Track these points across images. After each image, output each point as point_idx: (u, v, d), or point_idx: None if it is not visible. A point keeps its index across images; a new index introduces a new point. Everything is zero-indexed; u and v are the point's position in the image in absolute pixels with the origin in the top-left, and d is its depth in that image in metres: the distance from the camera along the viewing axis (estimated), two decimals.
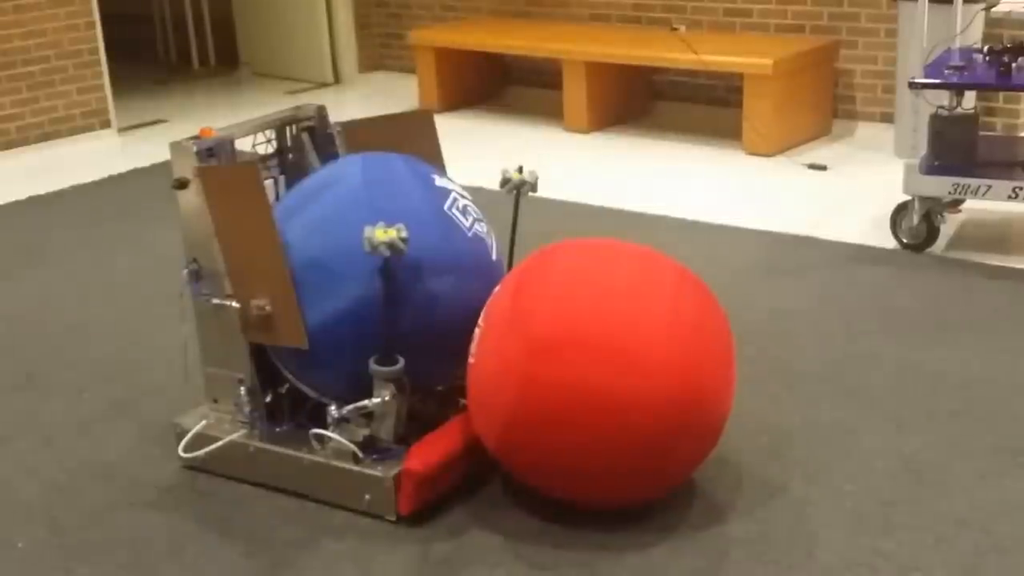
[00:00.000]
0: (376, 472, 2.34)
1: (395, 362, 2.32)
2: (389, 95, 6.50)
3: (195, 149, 2.46)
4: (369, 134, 2.75)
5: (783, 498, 2.38)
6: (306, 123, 2.74)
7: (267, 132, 2.70)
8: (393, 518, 2.34)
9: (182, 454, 2.56)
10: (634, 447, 2.16)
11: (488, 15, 6.34)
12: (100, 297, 3.70)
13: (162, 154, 5.36)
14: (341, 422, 2.38)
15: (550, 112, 5.71)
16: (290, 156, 2.73)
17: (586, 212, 4.31)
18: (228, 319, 2.48)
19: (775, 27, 5.33)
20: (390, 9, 6.82)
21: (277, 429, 2.52)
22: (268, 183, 2.65)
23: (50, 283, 3.84)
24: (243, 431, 2.53)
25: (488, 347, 2.26)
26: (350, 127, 2.76)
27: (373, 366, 2.32)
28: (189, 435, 2.55)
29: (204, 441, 2.54)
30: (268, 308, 2.38)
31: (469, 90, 6.13)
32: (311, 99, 6.53)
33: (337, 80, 6.90)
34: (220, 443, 2.52)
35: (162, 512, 2.44)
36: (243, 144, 2.63)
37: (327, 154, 2.75)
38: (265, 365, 2.52)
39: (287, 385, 2.54)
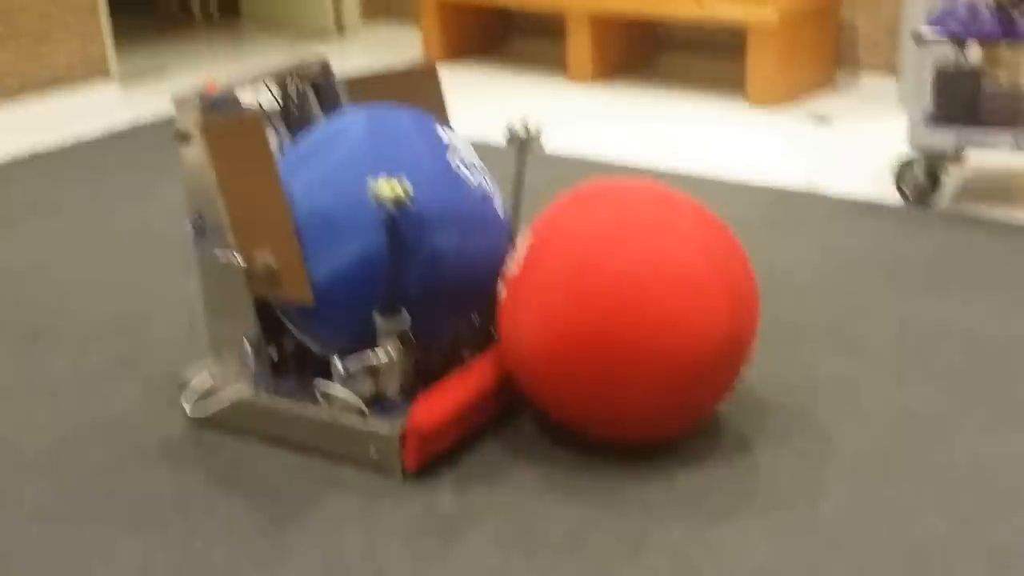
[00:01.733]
0: (382, 428, 2.35)
1: (398, 313, 2.33)
2: (392, 45, 6.46)
3: (199, 102, 2.45)
4: (373, 88, 2.74)
5: (786, 451, 2.40)
6: (310, 76, 2.73)
7: (272, 87, 2.68)
8: (400, 473, 2.37)
9: (187, 409, 2.58)
10: (667, 382, 2.21)
11: None
12: (105, 251, 3.70)
13: (164, 106, 5.35)
14: (347, 377, 2.39)
15: (554, 63, 5.68)
16: (293, 110, 2.72)
17: (590, 165, 4.30)
18: (233, 274, 2.49)
19: None
20: None
21: (282, 384, 2.53)
22: (271, 137, 2.65)
23: (54, 237, 3.84)
24: (248, 386, 2.54)
25: (527, 286, 2.28)
26: (354, 81, 2.74)
27: (377, 319, 2.33)
28: (194, 390, 2.57)
29: (209, 396, 2.57)
30: (273, 263, 2.39)
31: (473, 40, 6.09)
32: (314, 49, 6.49)
33: (339, 29, 6.84)
34: (225, 398, 2.54)
35: (168, 467, 2.46)
36: (246, 95, 2.62)
37: (331, 107, 2.74)
38: (270, 319, 2.53)
39: (293, 340, 2.56)
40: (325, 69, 2.74)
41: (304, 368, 2.56)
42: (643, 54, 5.68)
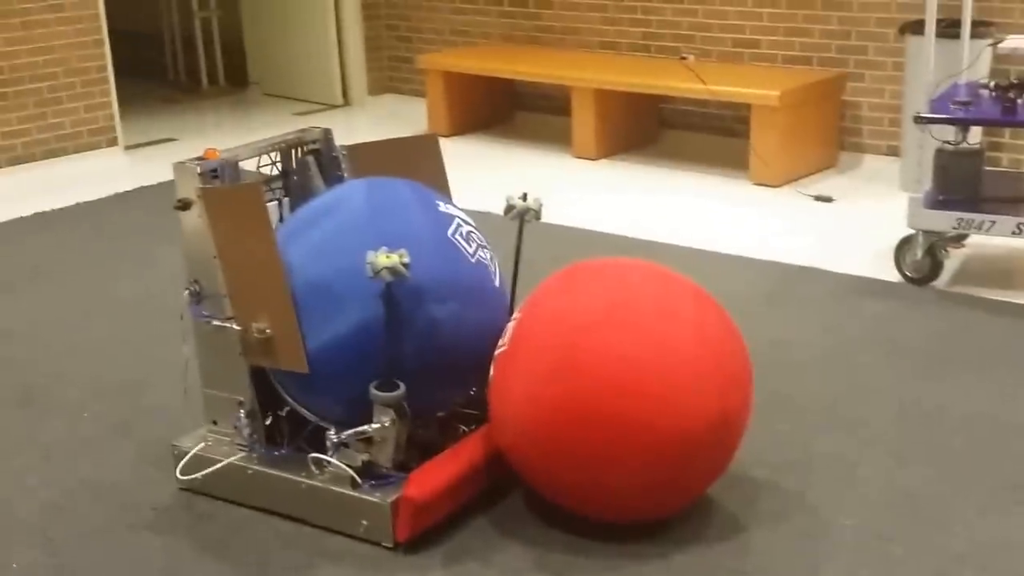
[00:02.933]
0: (374, 498, 2.33)
1: (395, 388, 2.31)
2: (398, 118, 6.52)
3: (199, 170, 2.46)
4: (374, 157, 2.76)
5: (782, 530, 2.37)
6: (311, 145, 2.75)
7: (272, 154, 2.71)
8: (391, 545, 2.33)
9: (179, 476, 2.55)
10: (656, 460, 2.19)
11: (498, 40, 6.37)
12: (103, 315, 3.70)
13: (169, 173, 5.38)
14: (340, 447, 2.37)
15: (559, 138, 5.72)
16: (295, 178, 2.74)
17: (592, 239, 4.31)
18: (228, 341, 2.47)
19: (783, 58, 5.35)
20: (400, 32, 6.85)
21: (276, 452, 2.51)
22: (272, 205, 2.65)
23: (53, 300, 3.84)
24: (242, 454, 2.52)
25: (515, 364, 2.28)
26: (355, 150, 2.76)
27: (373, 391, 2.31)
28: (187, 457, 2.55)
29: (202, 463, 2.54)
30: (269, 331, 2.38)
31: (478, 115, 6.15)
32: (320, 121, 6.55)
33: (347, 102, 6.92)
34: (218, 466, 2.51)
35: (159, 534, 2.43)
36: (248, 166, 2.64)
37: (332, 177, 2.76)
38: (265, 387, 2.51)
39: (287, 408, 2.53)
40: (327, 138, 2.77)
41: (298, 437, 2.54)
42: (647, 131, 5.73)
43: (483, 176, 5.28)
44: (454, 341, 2.40)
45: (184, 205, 2.48)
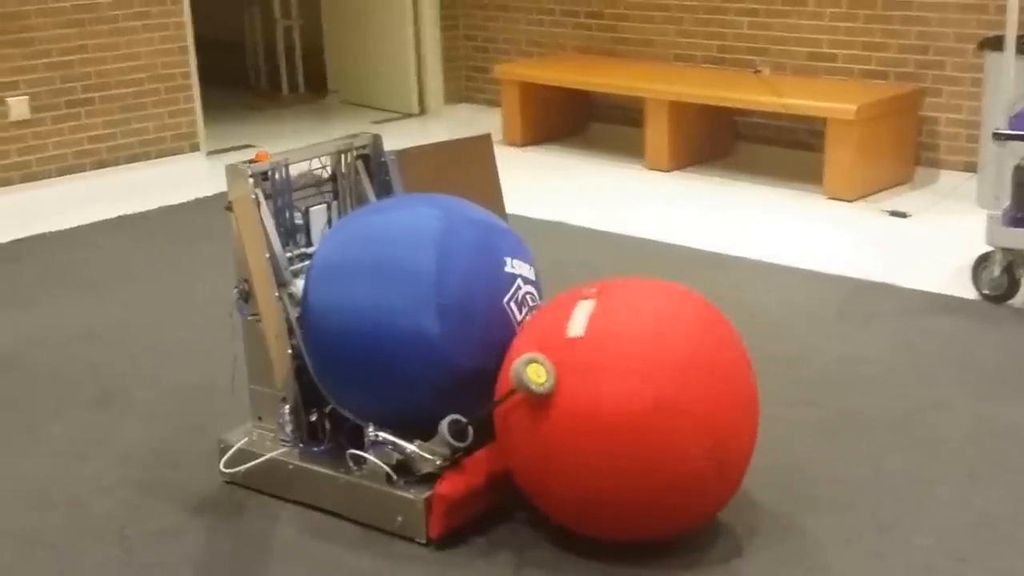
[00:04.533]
0: (409, 494, 2.37)
1: (465, 437, 2.34)
2: (472, 127, 6.57)
3: (249, 172, 2.52)
4: (424, 162, 2.78)
5: (855, 550, 2.35)
6: (360, 151, 2.79)
7: (322, 158, 2.75)
8: (424, 541, 2.37)
9: (223, 469, 2.62)
10: (646, 484, 2.20)
11: (574, 52, 6.39)
12: (182, 317, 3.79)
13: None
14: (377, 444, 2.41)
15: (631, 150, 5.73)
16: (344, 183, 2.79)
17: (663, 251, 4.31)
18: None
19: (859, 72, 5.29)
20: (477, 43, 6.91)
21: (316, 448, 2.56)
22: (321, 207, 2.71)
23: (134, 302, 3.94)
24: (283, 449, 2.58)
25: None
26: (405, 155, 2.79)
27: (445, 434, 2.33)
28: (231, 451, 2.61)
29: (246, 457, 2.60)
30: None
31: (552, 125, 6.18)
32: (396, 129, 6.64)
33: (422, 111, 7.00)
34: (259, 460, 2.58)
35: (231, 535, 2.48)
36: (300, 169, 2.69)
37: (380, 181, 2.80)
38: (310, 385, 2.56)
39: (330, 406, 2.57)
40: (376, 143, 2.80)
41: (338, 433, 2.57)
42: (721, 143, 5.71)
43: (555, 186, 5.30)
44: (478, 390, 2.40)
45: (232, 206, 2.55)
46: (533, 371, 2.20)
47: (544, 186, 5.31)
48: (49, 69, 5.23)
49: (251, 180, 2.52)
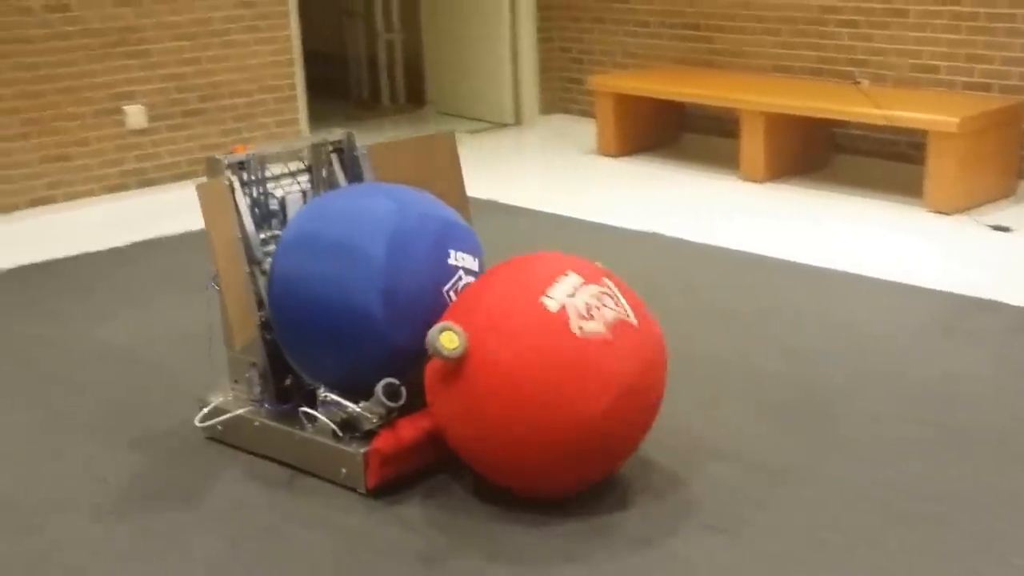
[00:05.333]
0: (350, 449, 2.67)
1: (398, 398, 2.62)
2: (566, 137, 6.65)
3: (226, 163, 2.83)
4: (393, 156, 3.10)
5: (951, 567, 2.35)
6: (336, 145, 3.09)
7: (300, 152, 3.05)
8: (363, 491, 2.65)
9: (197, 424, 2.93)
10: (547, 441, 2.45)
11: (669, 63, 6.43)
12: None
13: None
14: (326, 404, 2.71)
15: (726, 161, 5.74)
16: (319, 173, 3.08)
17: (756, 263, 4.32)
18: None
19: (962, 84, 5.23)
20: (572, 54, 6.98)
21: (279, 408, 2.86)
22: (298, 195, 3.02)
23: None
24: (251, 408, 2.88)
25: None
26: (374, 149, 3.09)
27: (380, 395, 2.61)
28: (207, 408, 2.94)
29: (219, 414, 2.92)
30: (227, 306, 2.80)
31: (646, 136, 6.22)
32: (491, 139, 6.75)
33: (517, 121, 7.09)
34: (227, 416, 2.90)
35: (331, 533, 2.56)
36: (279, 162, 2.99)
37: (353, 173, 3.09)
38: (282, 354, 2.84)
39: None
40: (349, 139, 3.11)
41: (302, 395, 2.87)
42: (817, 155, 5.69)
43: (649, 196, 5.34)
44: (413, 364, 2.65)
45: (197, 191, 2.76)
46: (446, 338, 2.46)
47: (637, 197, 5.35)
48: (165, 80, 5.44)
49: (227, 170, 2.83)
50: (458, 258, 2.77)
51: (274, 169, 2.98)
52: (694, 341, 3.56)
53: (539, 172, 6.11)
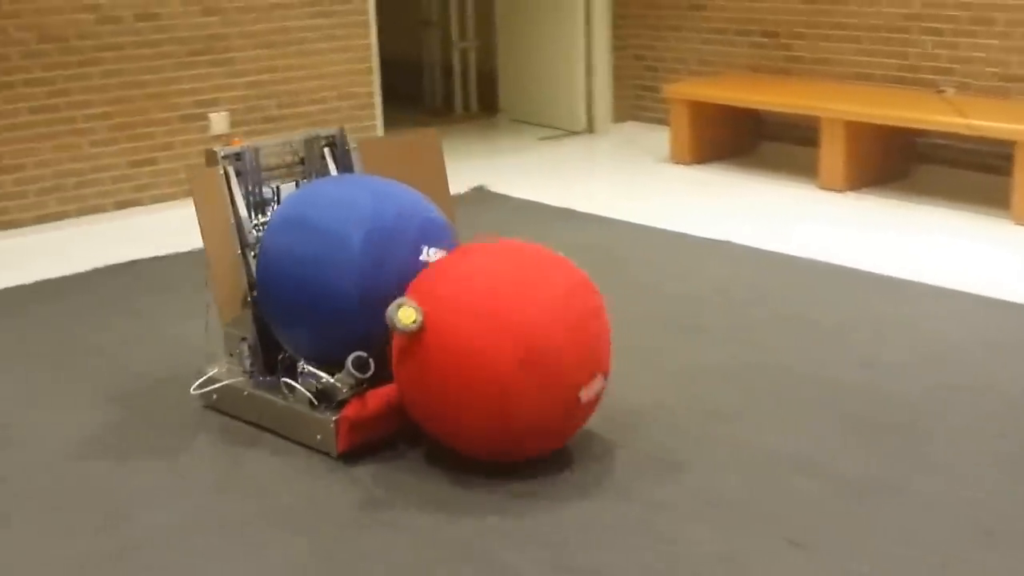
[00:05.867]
0: (323, 417, 2.90)
1: (367, 370, 2.84)
2: (638, 145, 6.63)
3: (223, 154, 3.09)
4: (381, 151, 3.36)
5: None
6: (328, 140, 3.33)
7: (294, 145, 3.28)
8: (334, 455, 2.88)
9: (193, 392, 3.18)
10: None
11: (745, 70, 6.37)
12: None
13: None
14: (304, 375, 2.95)
15: (804, 170, 5.67)
16: (311, 165, 3.30)
17: (834, 272, 4.26)
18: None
19: None
20: (647, 62, 6.96)
21: (265, 379, 3.10)
22: (291, 185, 3.25)
23: None
24: (241, 379, 3.14)
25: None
26: (364, 144, 3.35)
27: (349, 367, 2.83)
28: (203, 378, 3.20)
29: (212, 383, 3.18)
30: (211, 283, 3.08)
31: (721, 144, 6.17)
32: (563, 147, 6.75)
33: (589, 129, 7.08)
34: (218, 385, 3.17)
35: (405, 531, 2.58)
36: (273, 154, 3.23)
37: (344, 166, 3.33)
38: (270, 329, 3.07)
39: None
40: (341, 134, 3.35)
41: (289, 368, 3.08)
42: (899, 165, 5.60)
43: (723, 204, 5.29)
44: (381, 345, 2.88)
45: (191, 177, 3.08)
46: (403, 313, 2.68)
47: (711, 205, 5.31)
48: (247, 87, 5.54)
49: (224, 161, 3.07)
50: (429, 254, 2.95)
51: (271, 161, 3.23)
52: (771, 352, 3.52)
53: (612, 179, 6.10)
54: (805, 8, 6.01)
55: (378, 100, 5.98)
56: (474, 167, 6.23)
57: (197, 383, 3.20)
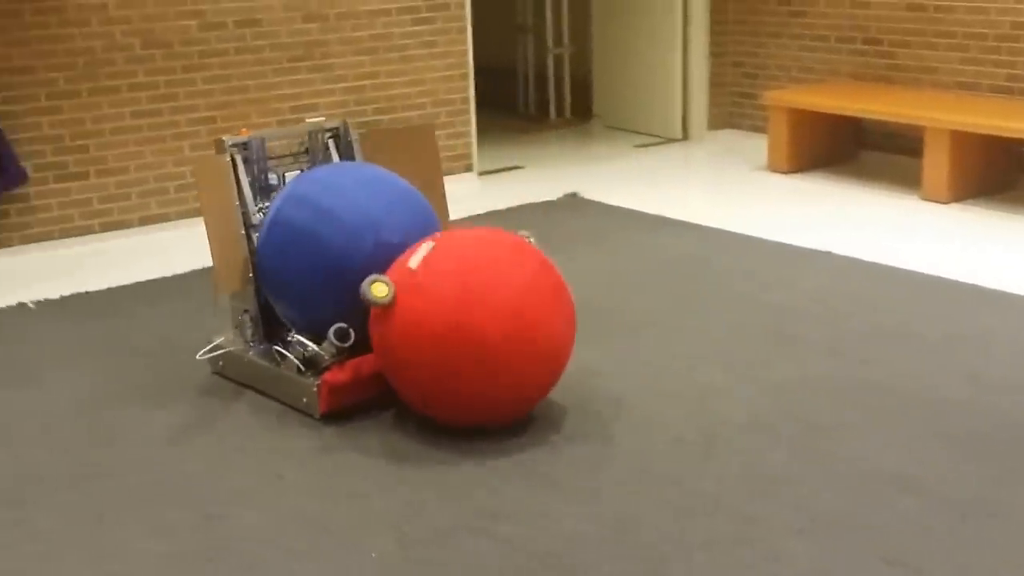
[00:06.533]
0: (308, 381, 3.19)
1: (347, 340, 3.13)
2: (735, 153, 6.54)
3: (231, 143, 3.38)
4: (380, 142, 3.63)
5: None
6: (332, 131, 3.59)
7: (300, 135, 3.57)
8: (317, 416, 3.16)
9: (199, 357, 3.50)
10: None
11: (847, 78, 6.25)
12: None
13: (516, 198, 5.68)
14: (293, 344, 3.24)
15: (906, 180, 5.54)
16: (316, 155, 3.59)
17: (935, 285, 4.14)
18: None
19: None
20: (745, 69, 6.87)
21: (263, 347, 3.40)
22: (296, 172, 3.50)
23: None
24: (242, 347, 3.45)
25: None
26: (365, 136, 3.62)
27: (331, 337, 3.12)
28: (209, 346, 3.52)
29: (216, 350, 3.51)
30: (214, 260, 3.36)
31: (820, 152, 6.06)
32: (659, 154, 6.69)
33: (685, 136, 7.02)
34: (220, 351, 3.50)
35: (496, 539, 2.58)
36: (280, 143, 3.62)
37: (346, 156, 3.59)
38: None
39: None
40: (344, 126, 3.60)
41: (284, 339, 3.35)
42: (1006, 176, 5.43)
43: (822, 214, 5.19)
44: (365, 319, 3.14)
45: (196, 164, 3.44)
46: (376, 288, 2.96)
47: (810, 214, 5.21)
48: (345, 93, 5.60)
49: (232, 149, 3.37)
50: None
51: (278, 150, 3.50)
52: (872, 365, 3.43)
53: (708, 187, 6.03)
54: (910, 16, 5.87)
55: (472, 106, 6.00)
56: (567, 173, 6.21)
57: (204, 350, 3.51)
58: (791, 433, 3.03)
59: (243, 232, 3.39)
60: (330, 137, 3.57)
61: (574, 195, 5.67)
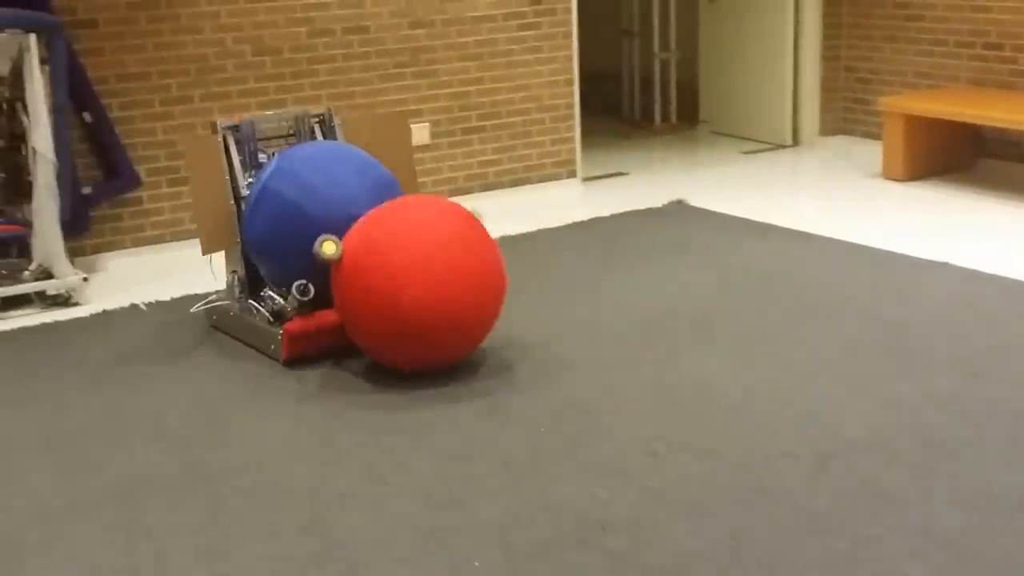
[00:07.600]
0: (274, 330, 3.68)
1: (307, 294, 3.61)
2: (847, 159, 6.36)
3: (223, 125, 3.87)
4: (360, 128, 4.15)
5: None
6: (318, 117, 4.07)
7: (286, 121, 4.02)
8: (281, 361, 3.66)
9: (192, 311, 4.11)
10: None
11: (966, 84, 6.03)
12: (563, 336, 3.89)
13: (620, 205, 5.61)
14: (264, 298, 3.75)
15: None
16: (302, 137, 4.04)
17: None
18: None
19: None
20: (859, 74, 6.69)
21: (249, 302, 3.84)
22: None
23: (521, 318, 4.09)
24: (227, 302, 3.99)
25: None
26: (346, 122, 4.12)
27: (294, 292, 3.61)
28: (202, 301, 4.13)
29: (213, 308, 4.06)
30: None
31: (937, 160, 5.85)
32: (768, 160, 6.55)
33: (795, 142, 6.86)
34: (210, 304, 4.06)
35: (598, 551, 2.52)
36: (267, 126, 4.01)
37: (329, 137, 4.09)
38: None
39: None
40: (329, 113, 4.10)
41: (263, 294, 3.82)
42: None
43: (940, 223, 5.00)
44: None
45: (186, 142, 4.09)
46: (326, 247, 3.39)
47: (927, 223, 5.03)
48: (449, 99, 5.61)
49: (224, 131, 3.85)
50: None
51: (268, 133, 3.98)
52: (997, 382, 3.28)
53: (819, 195, 5.87)
54: None
55: (577, 112, 5.95)
56: (673, 180, 6.12)
57: (198, 305, 4.11)
58: (909, 450, 2.90)
59: (232, 202, 3.86)
60: (317, 123, 4.08)
61: (679, 202, 5.58)
